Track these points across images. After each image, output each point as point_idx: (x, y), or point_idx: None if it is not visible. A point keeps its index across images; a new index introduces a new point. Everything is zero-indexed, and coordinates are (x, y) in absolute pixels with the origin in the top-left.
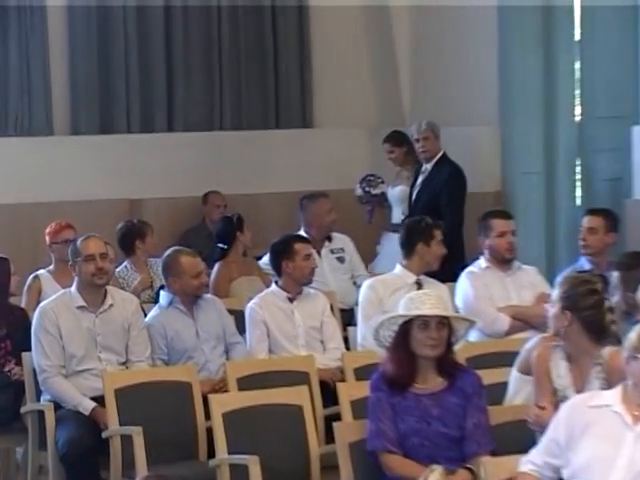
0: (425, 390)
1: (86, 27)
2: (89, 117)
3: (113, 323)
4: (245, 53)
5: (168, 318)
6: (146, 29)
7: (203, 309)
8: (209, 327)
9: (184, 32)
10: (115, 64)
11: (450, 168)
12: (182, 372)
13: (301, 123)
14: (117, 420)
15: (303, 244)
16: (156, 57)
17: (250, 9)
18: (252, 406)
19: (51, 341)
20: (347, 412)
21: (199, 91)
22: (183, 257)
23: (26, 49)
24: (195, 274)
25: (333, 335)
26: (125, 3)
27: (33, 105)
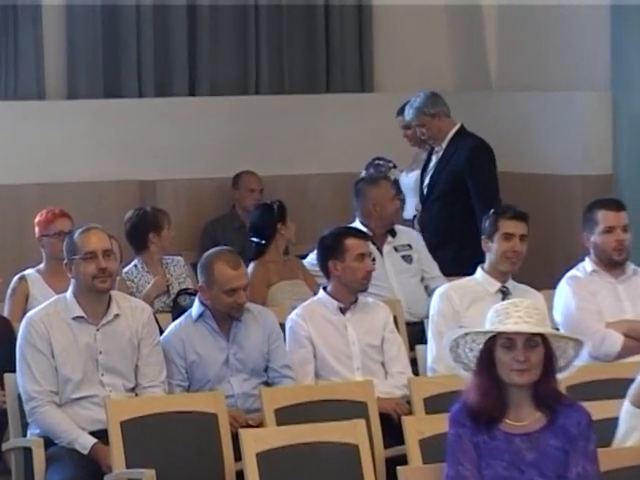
0: (519, 428)
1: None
2: (90, 77)
3: (119, 338)
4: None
5: (193, 335)
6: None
7: (244, 329)
8: (246, 355)
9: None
10: (123, 11)
11: (471, 141)
12: (206, 400)
13: (358, 86)
14: (124, 461)
15: (356, 240)
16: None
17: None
18: (294, 444)
19: (41, 361)
20: (415, 453)
21: (229, 45)
22: (219, 264)
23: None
24: (228, 290)
25: (397, 356)
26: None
27: (20, 62)
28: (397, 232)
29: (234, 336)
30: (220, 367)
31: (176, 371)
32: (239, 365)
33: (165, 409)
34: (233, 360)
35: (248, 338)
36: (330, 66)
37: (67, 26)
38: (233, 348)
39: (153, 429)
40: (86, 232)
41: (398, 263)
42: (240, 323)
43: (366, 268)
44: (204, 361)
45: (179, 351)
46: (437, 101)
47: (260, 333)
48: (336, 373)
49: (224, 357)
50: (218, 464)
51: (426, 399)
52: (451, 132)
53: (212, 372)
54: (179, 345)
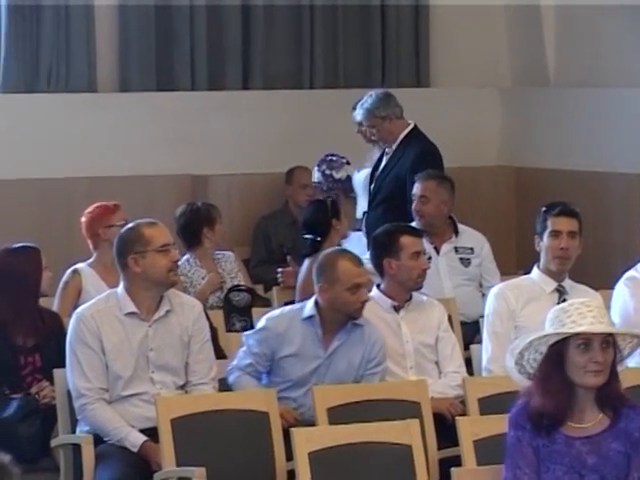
0: (580, 431)
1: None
2: (142, 70)
3: (170, 335)
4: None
5: (295, 332)
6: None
7: (346, 346)
8: (338, 371)
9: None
10: (177, 5)
11: (418, 146)
12: (258, 399)
13: (414, 81)
14: (174, 458)
15: (412, 237)
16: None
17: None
18: (346, 444)
19: (91, 357)
20: (469, 455)
21: (283, 38)
22: (342, 261)
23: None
24: (352, 286)
25: (452, 355)
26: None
27: (72, 54)
28: (462, 232)
29: (334, 349)
30: (308, 374)
31: (258, 354)
32: (327, 378)
33: (216, 407)
34: (323, 371)
35: (347, 355)
36: (385, 60)
37: (120, 19)
38: (329, 360)
39: (203, 427)
40: (154, 226)
41: (454, 264)
42: (345, 338)
43: (421, 266)
44: (294, 362)
45: (271, 341)
46: (389, 103)
47: (361, 353)
48: (389, 372)
49: (315, 365)
50: (269, 463)
51: (481, 399)
52: (402, 134)
53: (297, 375)
54: (274, 335)
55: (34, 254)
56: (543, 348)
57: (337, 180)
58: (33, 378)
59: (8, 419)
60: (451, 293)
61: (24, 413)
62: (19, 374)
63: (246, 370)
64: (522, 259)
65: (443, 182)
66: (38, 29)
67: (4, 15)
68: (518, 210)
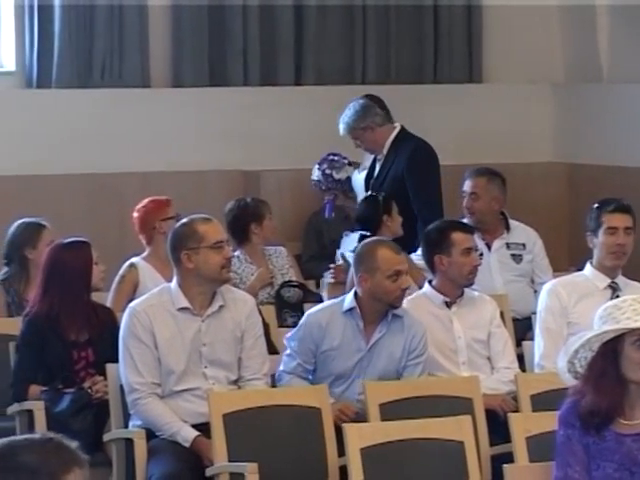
0: (631, 428)
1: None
2: (195, 65)
3: (223, 330)
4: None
5: (335, 325)
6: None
7: (388, 338)
8: (379, 363)
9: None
10: (230, 4)
11: (410, 145)
12: (310, 394)
13: (466, 77)
14: (226, 454)
15: (463, 234)
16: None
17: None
18: (398, 440)
19: (143, 352)
20: (521, 452)
21: (336, 35)
22: (381, 249)
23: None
24: (392, 273)
25: (504, 351)
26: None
27: (125, 49)
28: (513, 228)
29: (376, 341)
30: (350, 367)
31: (304, 351)
32: (370, 371)
33: (268, 402)
34: (365, 364)
35: (388, 347)
36: (437, 56)
37: (173, 15)
38: (370, 352)
39: (256, 422)
40: (208, 222)
41: (505, 261)
42: (386, 330)
43: (472, 262)
44: (336, 355)
45: (314, 335)
46: (367, 113)
47: (402, 344)
48: (441, 367)
49: (357, 358)
50: (321, 459)
51: (533, 396)
52: (390, 138)
53: (340, 369)
54: (316, 329)
55: (84, 249)
56: (596, 346)
57: (337, 180)
58: (86, 373)
59: (61, 413)
60: (502, 289)
61: (77, 407)
62: (72, 369)
63: (295, 372)
64: (574, 255)
65: (493, 178)
66: (92, 27)
67: (58, 14)
68: (570, 206)
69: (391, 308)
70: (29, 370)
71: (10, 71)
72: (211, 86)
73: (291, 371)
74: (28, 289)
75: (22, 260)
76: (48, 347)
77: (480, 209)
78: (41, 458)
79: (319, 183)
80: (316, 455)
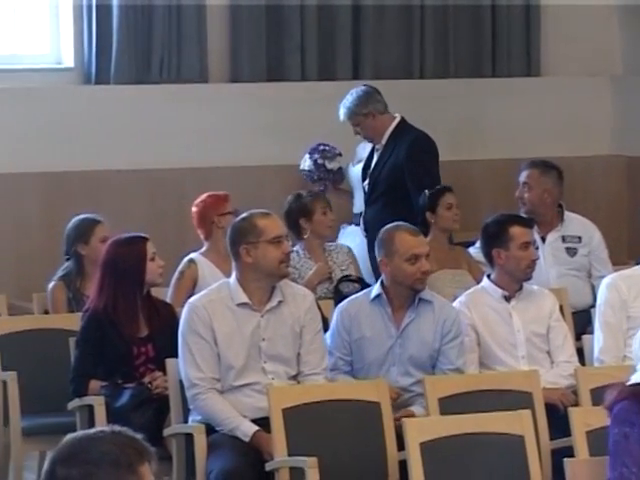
0: None
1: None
2: (253, 60)
3: (282, 325)
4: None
5: (364, 314)
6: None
7: (418, 321)
8: (413, 348)
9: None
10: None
11: (409, 135)
12: (369, 389)
13: (525, 70)
14: (285, 448)
15: (521, 228)
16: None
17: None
18: (457, 435)
19: (203, 348)
20: (582, 446)
21: (394, 30)
22: (398, 233)
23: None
24: (411, 257)
25: (563, 345)
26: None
27: (183, 44)
28: (568, 220)
29: (405, 326)
30: (383, 354)
31: (340, 344)
32: (403, 357)
33: (327, 397)
34: (398, 350)
35: (419, 331)
36: (496, 49)
37: (231, 14)
38: (401, 338)
39: (315, 417)
40: (268, 217)
41: (558, 254)
42: (415, 315)
43: (530, 257)
44: (368, 343)
45: (345, 324)
46: (369, 99)
47: (433, 328)
48: (501, 361)
49: (389, 345)
50: (380, 453)
51: (593, 390)
52: (390, 128)
53: (373, 357)
54: (347, 319)
55: (137, 244)
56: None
57: (329, 170)
58: (146, 368)
59: (121, 408)
60: (555, 282)
61: (137, 402)
62: (132, 364)
63: (336, 367)
64: (633, 249)
65: (547, 170)
66: (150, 26)
67: (116, 14)
68: (630, 199)
69: (414, 292)
70: (89, 365)
71: (69, 67)
72: (269, 81)
73: (332, 367)
74: (85, 285)
75: (77, 256)
76: (107, 343)
77: (531, 200)
78: (119, 449)
79: (310, 173)
80: (375, 449)
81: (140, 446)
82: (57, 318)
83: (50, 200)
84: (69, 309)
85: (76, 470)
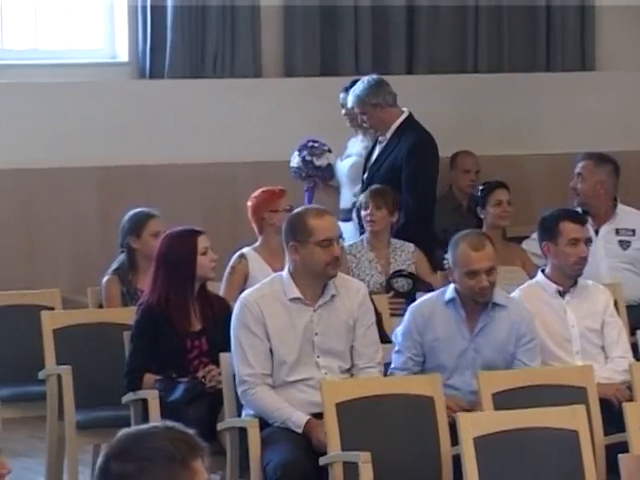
0: None
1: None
2: (307, 55)
3: (335, 319)
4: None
5: (438, 315)
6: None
7: (493, 325)
8: (486, 351)
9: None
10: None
11: (414, 135)
12: (423, 383)
13: (579, 65)
14: (339, 443)
15: (572, 224)
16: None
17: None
18: (512, 430)
19: (254, 344)
20: (636, 441)
21: (448, 25)
22: (462, 245)
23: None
24: (469, 272)
25: (618, 340)
26: None
27: (237, 40)
28: (623, 213)
29: (479, 330)
30: (456, 357)
31: (411, 345)
32: (477, 361)
33: (381, 391)
34: (471, 354)
35: (493, 336)
36: (550, 44)
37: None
38: (475, 342)
39: (369, 411)
40: (321, 217)
41: (611, 247)
42: (489, 318)
43: (579, 254)
44: (441, 346)
45: (418, 325)
46: (380, 90)
47: (508, 332)
48: (555, 357)
49: (462, 348)
50: (434, 448)
51: None
52: (396, 122)
53: (446, 359)
54: (420, 320)
55: (188, 238)
56: None
57: (317, 167)
58: (199, 362)
59: (175, 402)
60: (607, 276)
61: (190, 397)
62: (185, 358)
63: (406, 367)
64: None
65: (602, 163)
66: (204, 25)
67: (170, 15)
68: None
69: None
70: (143, 359)
71: (123, 62)
72: (322, 76)
73: (403, 367)
74: (138, 278)
75: (129, 249)
76: (161, 337)
77: (584, 191)
78: (172, 445)
79: (299, 170)
80: (429, 444)
81: (193, 441)
82: (111, 312)
83: (105, 194)
84: (123, 303)
85: (130, 465)
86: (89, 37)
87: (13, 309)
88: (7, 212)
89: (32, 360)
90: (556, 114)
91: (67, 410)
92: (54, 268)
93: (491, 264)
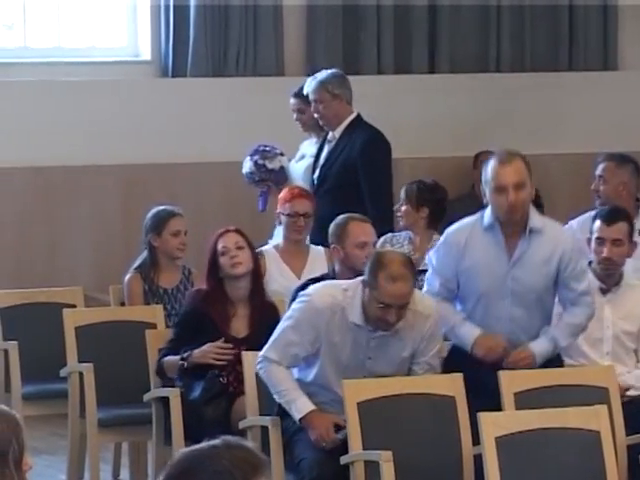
0: None
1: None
2: (329, 53)
3: (392, 352)
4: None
5: (476, 240)
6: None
7: (531, 249)
8: (527, 275)
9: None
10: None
11: (365, 132)
12: (445, 383)
13: (601, 64)
14: (360, 442)
15: (600, 223)
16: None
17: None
18: (533, 430)
19: (293, 342)
20: None
21: (470, 23)
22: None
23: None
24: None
25: None
26: None
27: (259, 42)
28: None
29: (520, 255)
30: (494, 284)
31: (446, 270)
32: (516, 287)
33: (402, 391)
34: (510, 281)
35: (532, 263)
36: (572, 43)
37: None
38: (514, 268)
39: (390, 411)
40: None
41: None
42: (527, 245)
43: (601, 253)
44: (479, 273)
45: (453, 252)
46: (343, 83)
47: (548, 258)
48: (584, 355)
49: (501, 273)
50: (455, 447)
51: None
52: (347, 120)
53: (483, 286)
54: (456, 246)
55: (215, 237)
56: None
57: (270, 171)
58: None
59: (194, 402)
60: (632, 277)
61: (208, 396)
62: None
63: (440, 294)
64: None
65: (624, 164)
66: (226, 25)
67: (193, 14)
68: None
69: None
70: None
71: (146, 60)
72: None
73: (436, 292)
74: (159, 276)
75: (150, 247)
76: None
77: (607, 193)
78: (233, 467)
79: (252, 175)
80: (450, 443)
81: (255, 459)
82: (133, 310)
83: (127, 192)
84: (145, 301)
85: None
86: (112, 35)
87: (35, 307)
88: (30, 210)
89: (54, 358)
90: (578, 114)
91: (89, 408)
92: (76, 266)
93: (519, 179)
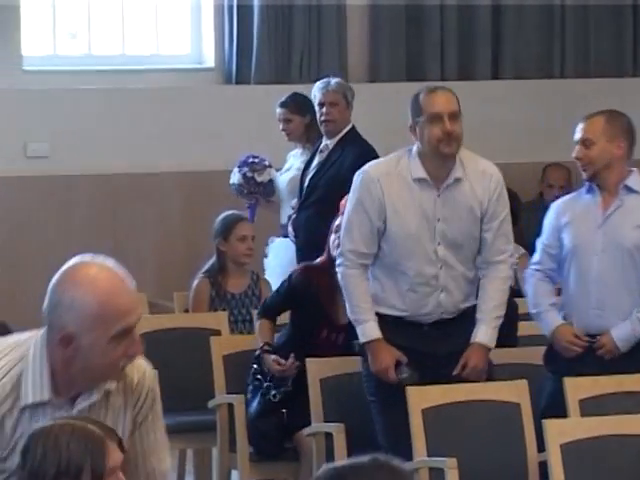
0: None
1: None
2: (392, 60)
3: (460, 205)
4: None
5: (574, 205)
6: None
7: (626, 205)
8: (621, 233)
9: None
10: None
11: (357, 148)
12: (509, 390)
13: None
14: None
15: None
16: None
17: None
18: (599, 436)
19: (363, 221)
20: None
21: (534, 29)
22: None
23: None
24: None
25: None
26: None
27: (323, 45)
28: None
29: (610, 213)
30: (587, 240)
31: (549, 240)
32: (606, 244)
33: (467, 398)
34: (601, 238)
35: (624, 220)
36: (637, 49)
37: (371, 14)
38: (605, 225)
39: (455, 417)
40: (432, 93)
41: None
42: (620, 203)
43: None
44: (573, 226)
45: (551, 217)
46: (354, 95)
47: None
48: None
49: (592, 230)
50: (521, 454)
51: None
52: (344, 130)
53: (576, 241)
54: (555, 211)
55: None
56: None
57: (259, 183)
58: None
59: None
60: None
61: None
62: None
63: (540, 262)
64: None
65: None
66: (290, 26)
67: (257, 14)
68: None
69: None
70: (274, 312)
71: (209, 67)
72: (408, 81)
73: (537, 261)
74: (227, 282)
75: (218, 252)
76: (302, 309)
77: None
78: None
79: (240, 187)
80: (515, 451)
81: (400, 473)
82: (198, 317)
83: (192, 199)
84: (211, 306)
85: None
86: (176, 43)
87: None
88: (93, 217)
89: None
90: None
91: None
92: (140, 273)
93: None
